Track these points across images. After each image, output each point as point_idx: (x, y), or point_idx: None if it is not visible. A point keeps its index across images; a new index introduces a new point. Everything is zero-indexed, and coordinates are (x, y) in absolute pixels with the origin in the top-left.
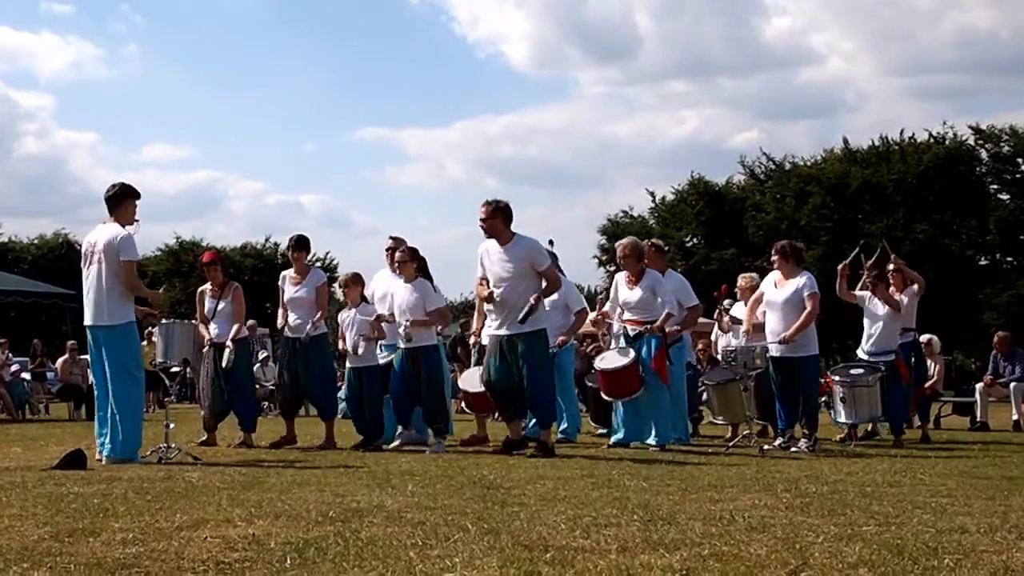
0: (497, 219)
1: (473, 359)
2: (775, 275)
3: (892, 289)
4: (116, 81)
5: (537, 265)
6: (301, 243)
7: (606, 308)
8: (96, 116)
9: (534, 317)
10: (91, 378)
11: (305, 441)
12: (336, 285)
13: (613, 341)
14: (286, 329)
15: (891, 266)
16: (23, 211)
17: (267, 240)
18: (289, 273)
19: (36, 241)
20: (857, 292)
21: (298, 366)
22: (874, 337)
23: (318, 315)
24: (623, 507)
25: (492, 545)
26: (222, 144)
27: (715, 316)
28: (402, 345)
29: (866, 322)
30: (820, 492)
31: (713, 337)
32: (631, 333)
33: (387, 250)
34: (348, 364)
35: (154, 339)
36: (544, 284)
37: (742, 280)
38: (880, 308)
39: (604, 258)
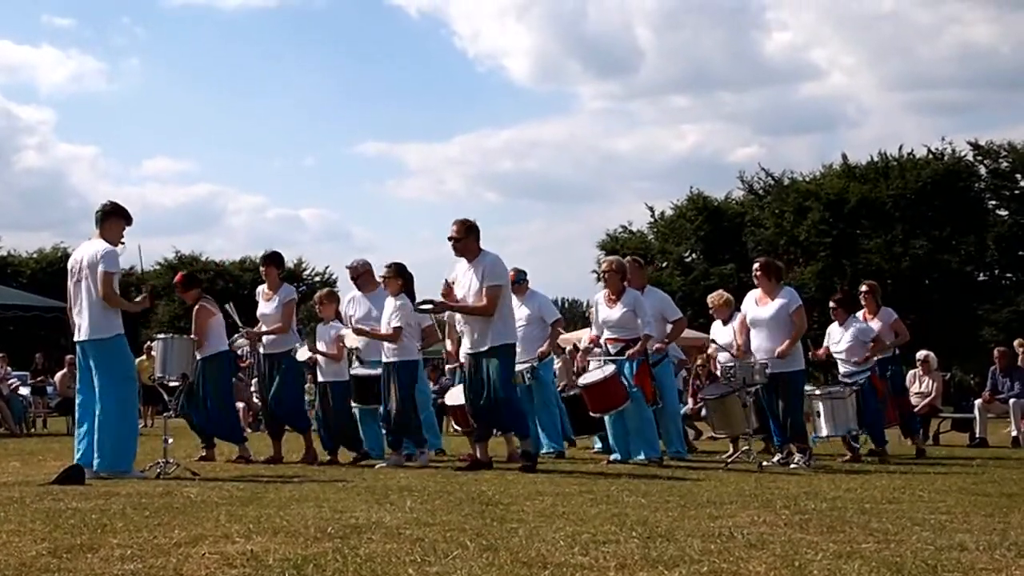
0: (469, 237)
1: (458, 378)
2: (755, 293)
3: (865, 312)
4: (117, 95)
5: (485, 279)
6: (271, 258)
7: (593, 332)
8: (96, 130)
9: (477, 324)
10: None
11: (288, 457)
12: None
13: (592, 362)
14: (259, 346)
15: (863, 287)
16: (23, 225)
17: None
18: (263, 288)
19: (35, 255)
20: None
21: (271, 382)
22: (844, 362)
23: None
24: (622, 524)
25: (491, 562)
26: (222, 158)
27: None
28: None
29: (834, 353)
30: (819, 509)
31: (711, 351)
32: (612, 351)
33: (352, 279)
34: (319, 378)
35: (153, 353)
36: (483, 301)
37: (715, 298)
38: (844, 338)
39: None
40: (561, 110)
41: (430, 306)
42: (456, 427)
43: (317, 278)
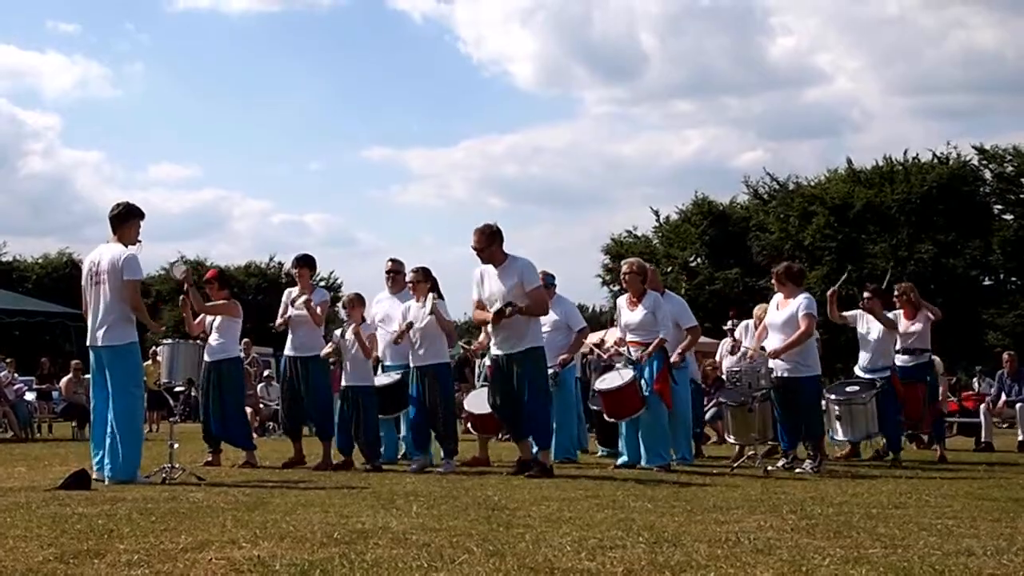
0: (492, 245)
1: (479, 378)
2: (777, 297)
3: (901, 312)
4: (121, 100)
5: (526, 284)
6: (304, 261)
7: (618, 334)
8: (101, 135)
9: (513, 324)
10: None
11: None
12: (339, 305)
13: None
14: (287, 349)
15: (896, 291)
16: (28, 230)
17: (271, 259)
18: (294, 291)
19: (41, 260)
20: (847, 313)
21: (299, 385)
22: (869, 356)
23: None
24: (628, 529)
25: (497, 567)
26: (227, 163)
27: (732, 338)
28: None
29: (860, 341)
30: (826, 514)
31: (718, 357)
32: (633, 355)
33: (387, 272)
34: (344, 383)
35: (159, 358)
36: (534, 304)
37: (758, 310)
38: (874, 328)
39: (608, 277)
40: (566, 115)
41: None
42: (471, 430)
43: (322, 283)
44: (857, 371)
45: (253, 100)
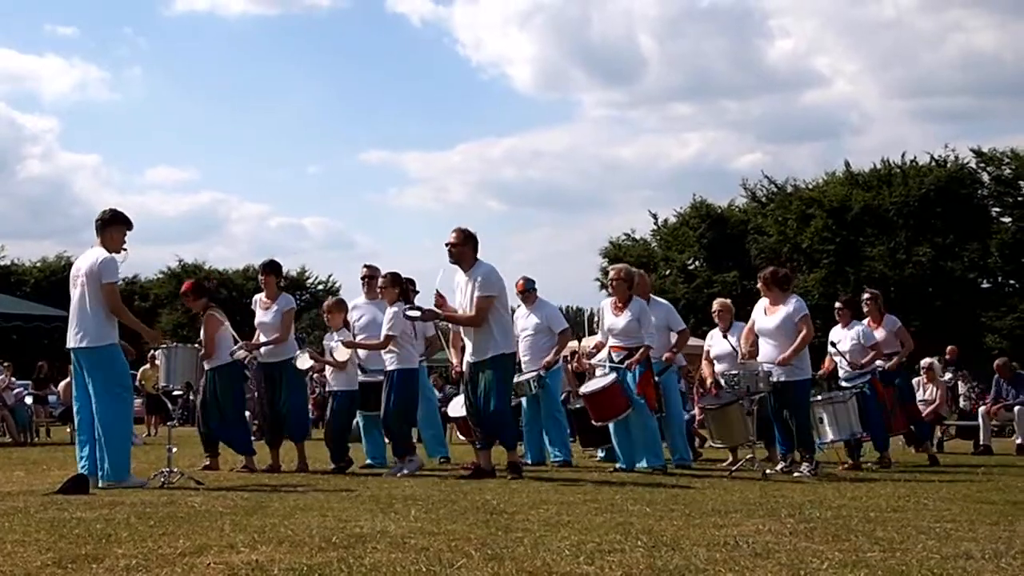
0: (467, 246)
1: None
2: (764, 301)
3: (869, 320)
4: (119, 103)
5: (477, 290)
6: (270, 267)
7: (599, 338)
8: (100, 138)
9: (480, 333)
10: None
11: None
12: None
13: (597, 370)
14: (257, 355)
15: (866, 295)
16: (27, 233)
17: None
18: (260, 297)
19: (38, 264)
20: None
21: (272, 390)
22: (844, 365)
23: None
24: (627, 533)
25: (496, 572)
26: (225, 166)
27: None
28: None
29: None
30: (824, 517)
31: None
32: (616, 359)
33: (362, 278)
34: (327, 387)
35: (157, 362)
36: (474, 311)
37: (717, 305)
38: (847, 338)
39: (605, 281)
40: (564, 118)
41: (417, 314)
42: (460, 436)
43: (320, 286)
44: (842, 383)
45: (251, 103)
